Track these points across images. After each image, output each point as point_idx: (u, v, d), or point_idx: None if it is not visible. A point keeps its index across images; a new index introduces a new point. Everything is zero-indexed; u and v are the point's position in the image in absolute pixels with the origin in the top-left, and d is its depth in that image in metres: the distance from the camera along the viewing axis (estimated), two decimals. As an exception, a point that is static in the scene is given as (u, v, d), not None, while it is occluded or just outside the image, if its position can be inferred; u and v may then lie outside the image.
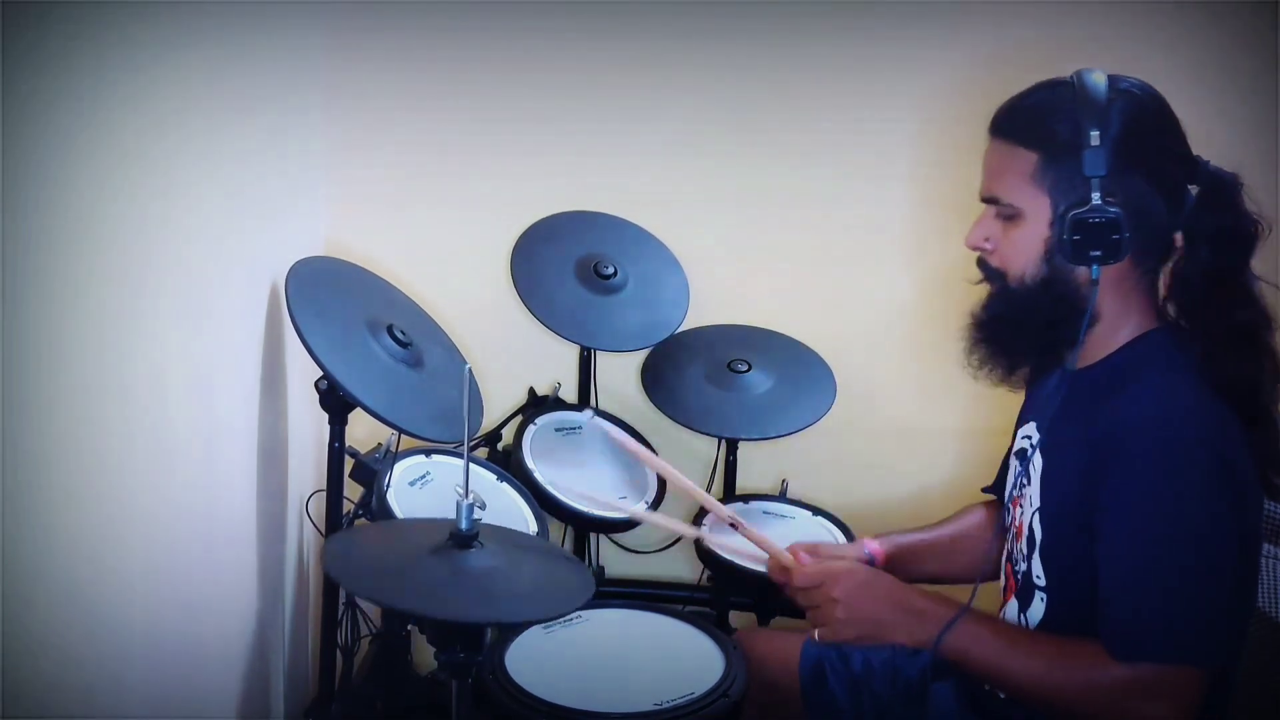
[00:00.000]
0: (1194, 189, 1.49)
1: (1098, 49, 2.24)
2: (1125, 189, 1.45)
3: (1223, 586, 1.43)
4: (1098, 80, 1.48)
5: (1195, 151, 1.53)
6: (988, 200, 1.55)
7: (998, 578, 1.72)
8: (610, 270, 2.30)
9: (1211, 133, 2.24)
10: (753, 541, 1.70)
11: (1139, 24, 2.25)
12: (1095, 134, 1.44)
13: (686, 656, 1.77)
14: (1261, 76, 2.25)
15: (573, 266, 2.30)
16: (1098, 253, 1.45)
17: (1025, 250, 1.51)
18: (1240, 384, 1.47)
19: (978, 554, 1.78)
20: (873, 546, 1.80)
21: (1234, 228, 1.50)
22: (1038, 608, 1.56)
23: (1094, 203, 1.44)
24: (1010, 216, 1.52)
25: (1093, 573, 1.47)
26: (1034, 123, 1.50)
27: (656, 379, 2.31)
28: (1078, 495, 1.49)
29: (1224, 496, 1.41)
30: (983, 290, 1.60)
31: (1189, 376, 1.46)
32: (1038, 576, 1.56)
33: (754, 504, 2.29)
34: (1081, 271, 1.48)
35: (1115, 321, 1.52)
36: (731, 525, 1.70)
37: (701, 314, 2.39)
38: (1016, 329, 1.55)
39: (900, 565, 1.79)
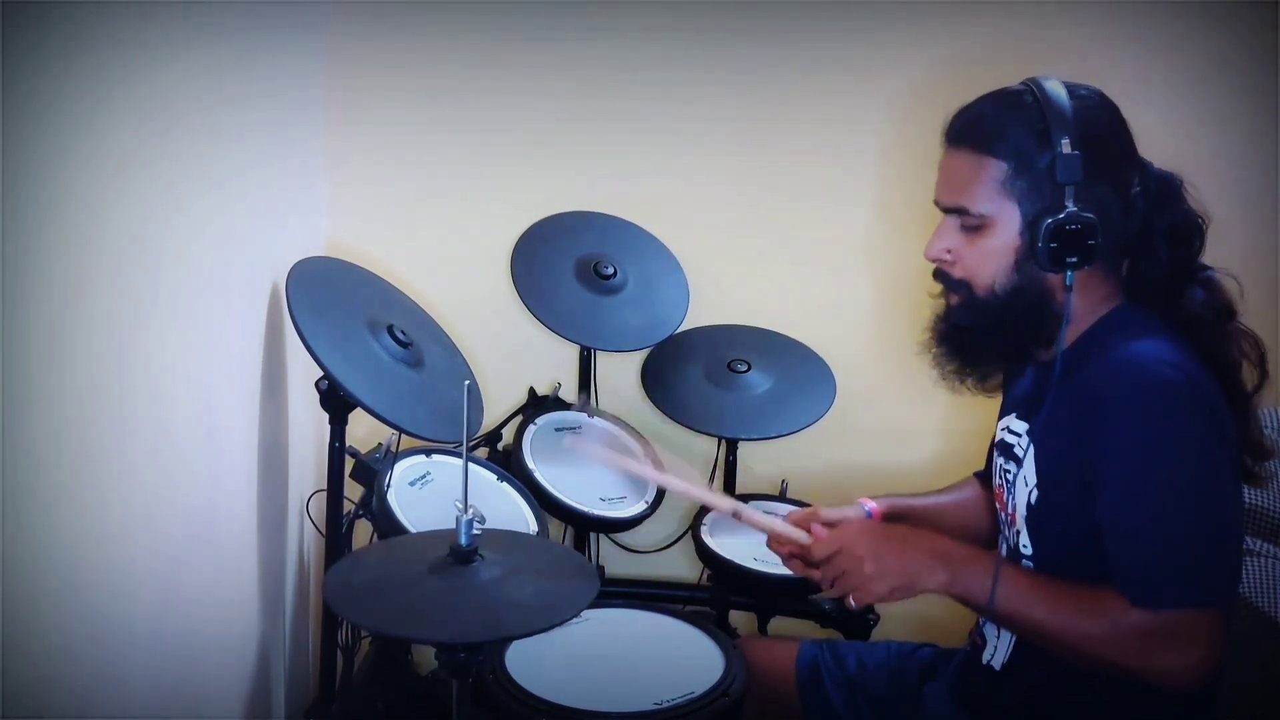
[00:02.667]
0: (1137, 190, 1.50)
1: (1097, 50, 2.25)
2: (1093, 194, 1.46)
3: (1225, 522, 1.45)
4: (1058, 89, 1.49)
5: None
6: (950, 210, 1.55)
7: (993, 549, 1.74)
8: (610, 270, 2.30)
9: (1212, 133, 2.26)
10: (756, 527, 1.67)
11: (1139, 25, 2.26)
12: (1066, 141, 1.45)
13: (686, 656, 1.77)
14: (1261, 77, 2.25)
15: (573, 266, 2.31)
16: (1074, 259, 1.46)
17: (994, 259, 1.51)
18: (1213, 361, 1.49)
19: (971, 524, 1.81)
20: (871, 505, 1.79)
21: (1184, 223, 1.52)
22: None
23: (1070, 209, 1.45)
24: (977, 227, 1.52)
25: (1081, 536, 1.48)
26: (1002, 132, 1.49)
27: (656, 379, 2.31)
28: (1070, 458, 1.50)
29: (1211, 432, 1.43)
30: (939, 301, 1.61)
31: (1161, 335, 1.48)
32: (1024, 546, 1.57)
33: (753, 503, 2.29)
34: (1052, 277, 1.50)
35: (1081, 313, 1.53)
36: (734, 516, 1.69)
37: (701, 314, 2.39)
38: (988, 339, 1.55)
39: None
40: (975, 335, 1.56)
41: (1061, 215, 1.45)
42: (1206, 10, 2.26)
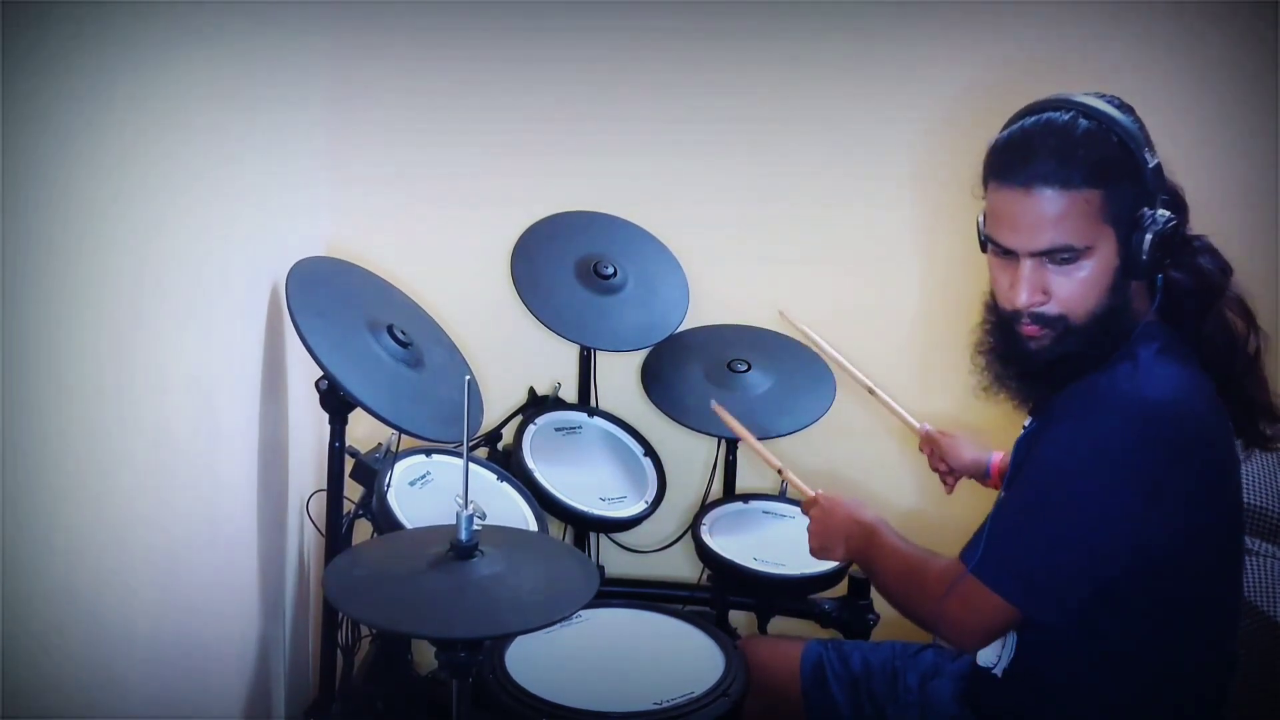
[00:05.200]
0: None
1: (1098, 50, 2.25)
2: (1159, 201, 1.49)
3: (1085, 550, 1.45)
4: (1103, 105, 1.48)
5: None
6: (1044, 252, 1.48)
7: None
8: (610, 270, 2.30)
9: (1211, 133, 2.26)
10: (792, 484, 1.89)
11: (1139, 25, 2.26)
12: (1146, 152, 1.47)
13: (686, 656, 1.77)
14: (1261, 76, 2.25)
15: (573, 266, 2.31)
16: (1169, 260, 1.49)
17: (1096, 285, 1.48)
18: (1212, 341, 1.51)
19: None
20: (995, 458, 1.99)
21: (1175, 194, 1.53)
22: None
23: (1167, 215, 1.47)
24: (1073, 259, 1.47)
25: None
26: (1085, 162, 1.46)
27: (656, 379, 2.31)
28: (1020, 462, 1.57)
29: (1128, 489, 1.43)
30: (979, 336, 1.63)
31: (1159, 364, 1.48)
32: None
33: (754, 504, 2.30)
34: (1135, 286, 1.51)
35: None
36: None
37: (701, 314, 2.39)
38: (1079, 361, 1.52)
39: None
40: (1070, 362, 1.52)
41: (1163, 223, 1.46)
42: (1206, 10, 2.25)
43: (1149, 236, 1.46)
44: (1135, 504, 1.43)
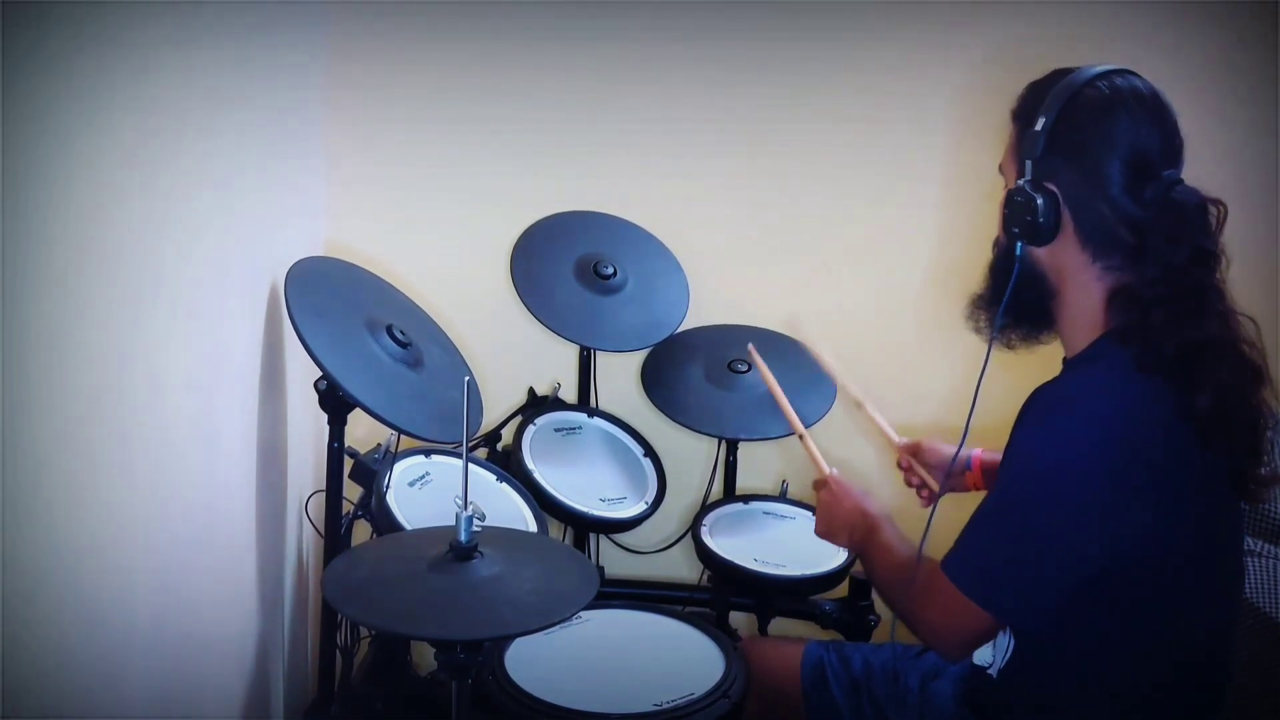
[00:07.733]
0: (1128, 194, 1.46)
1: (1098, 51, 2.24)
2: (1061, 177, 1.48)
3: (1047, 552, 1.45)
4: (1080, 73, 1.50)
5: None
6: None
7: None
8: (610, 270, 2.30)
9: (1212, 133, 2.26)
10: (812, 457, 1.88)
11: (1139, 24, 2.26)
12: (1042, 119, 1.48)
13: (686, 656, 1.77)
14: (1261, 76, 2.25)
15: (573, 266, 2.30)
16: (1016, 229, 1.51)
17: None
18: (1196, 397, 1.43)
19: None
20: (975, 454, 1.91)
21: (1179, 253, 1.44)
22: None
23: (1021, 182, 1.49)
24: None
25: None
26: (1020, 101, 1.55)
27: (656, 379, 2.31)
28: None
29: (1090, 487, 1.42)
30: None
31: (1127, 375, 1.45)
32: None
33: (754, 504, 2.30)
34: (1045, 258, 1.52)
35: (1091, 314, 1.51)
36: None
37: (701, 314, 2.39)
38: (996, 293, 1.60)
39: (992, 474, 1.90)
40: (990, 290, 1.62)
41: (1013, 186, 1.50)
42: (1206, 10, 2.26)
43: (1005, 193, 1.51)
44: (1099, 501, 1.43)
